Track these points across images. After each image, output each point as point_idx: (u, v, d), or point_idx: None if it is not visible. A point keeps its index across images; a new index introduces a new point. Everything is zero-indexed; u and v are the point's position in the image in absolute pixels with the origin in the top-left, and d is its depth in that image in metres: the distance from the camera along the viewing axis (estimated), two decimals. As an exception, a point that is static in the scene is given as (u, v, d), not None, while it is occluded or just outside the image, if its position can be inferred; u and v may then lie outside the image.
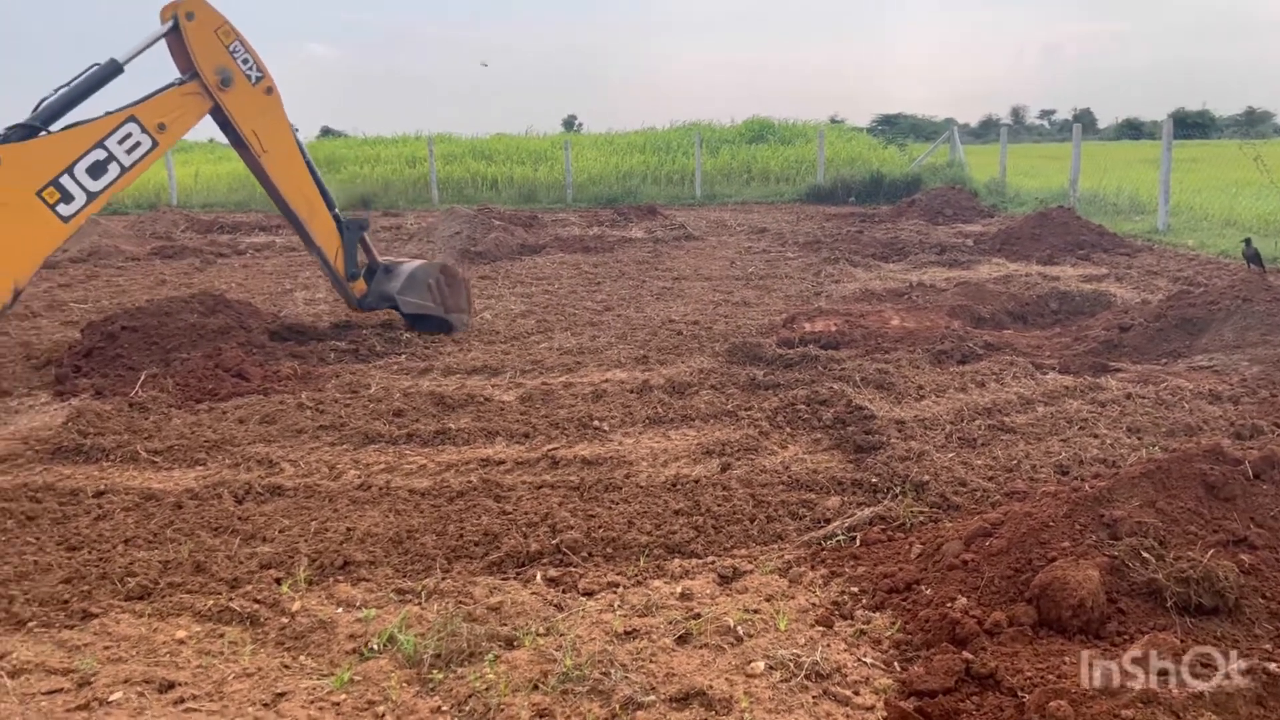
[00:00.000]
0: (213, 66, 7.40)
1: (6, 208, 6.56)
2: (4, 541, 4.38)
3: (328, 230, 8.20)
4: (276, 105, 7.84)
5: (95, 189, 6.91)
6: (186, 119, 7.47)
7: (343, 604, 3.72)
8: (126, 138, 7.01)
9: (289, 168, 7.94)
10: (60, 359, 7.78)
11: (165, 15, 7.29)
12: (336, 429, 5.98)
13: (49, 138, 6.78)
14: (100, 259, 14.12)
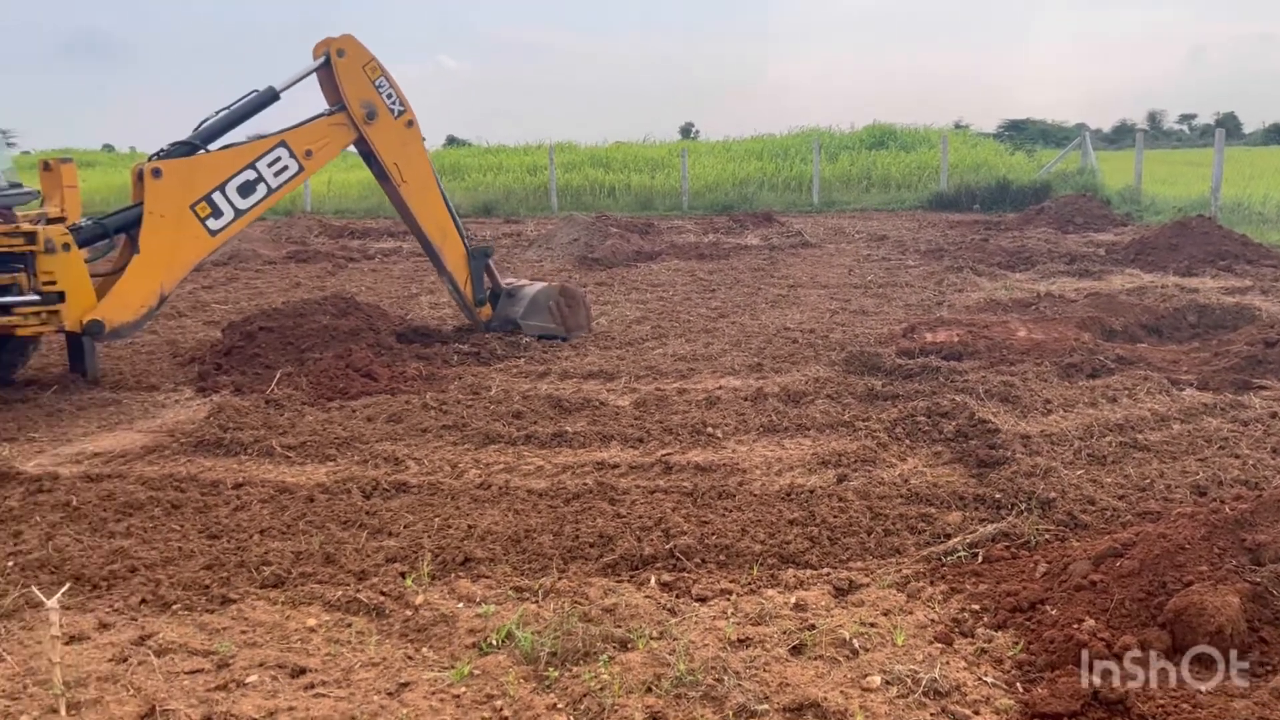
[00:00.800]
0: (359, 100, 7.80)
1: (163, 218, 7.04)
2: (151, 528, 4.66)
3: (458, 257, 8.52)
4: (416, 138, 8.23)
5: (243, 207, 7.37)
6: (332, 148, 7.92)
7: (463, 599, 3.83)
8: (276, 161, 7.49)
9: (425, 197, 8.30)
10: (203, 357, 8.23)
11: (318, 51, 7.75)
12: (459, 429, 6.14)
13: (206, 156, 7.27)
14: (240, 262, 14.85)
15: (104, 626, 3.71)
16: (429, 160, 8.39)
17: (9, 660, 3.47)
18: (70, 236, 6.85)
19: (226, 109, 7.48)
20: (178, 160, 7.19)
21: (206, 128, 7.40)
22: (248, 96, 7.54)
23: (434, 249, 8.45)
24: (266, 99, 7.59)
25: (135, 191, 7.18)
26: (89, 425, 6.59)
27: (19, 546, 4.42)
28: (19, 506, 4.94)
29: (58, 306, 6.83)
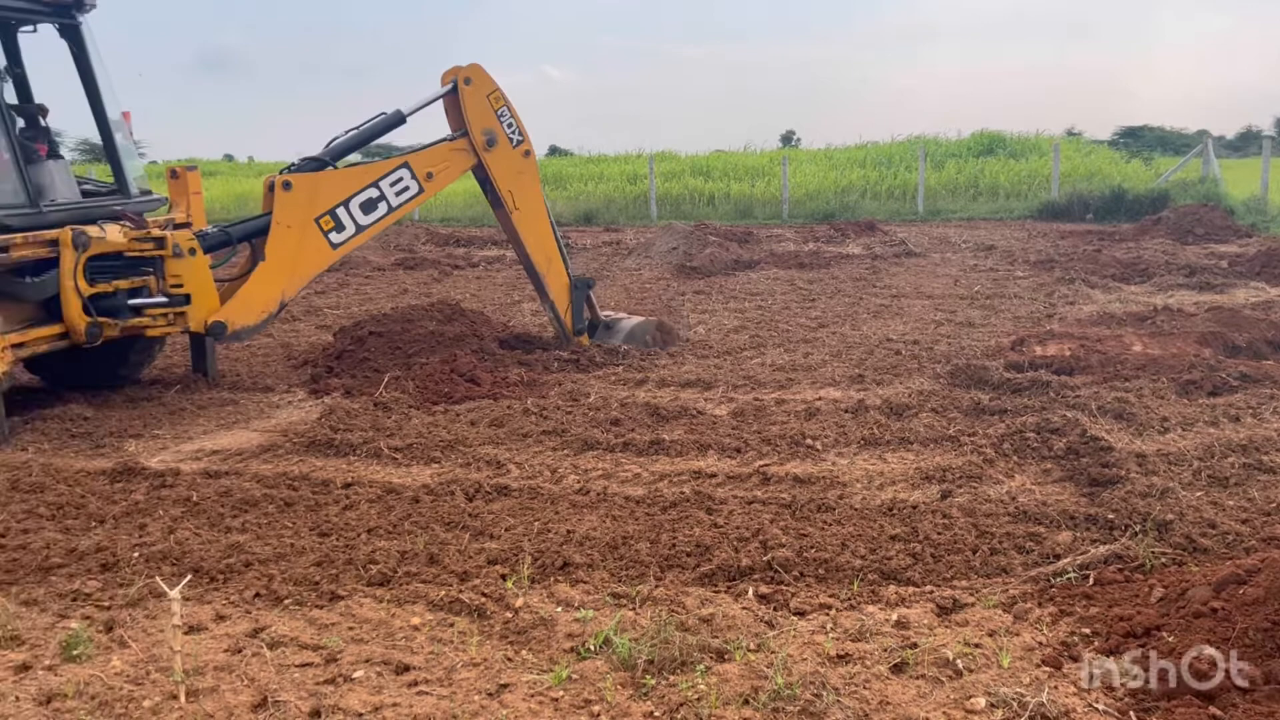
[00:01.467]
0: (481, 128, 8.04)
1: (289, 229, 7.36)
2: (266, 524, 4.84)
3: (561, 286, 8.67)
4: (532, 167, 8.44)
5: (364, 223, 7.67)
6: (451, 171, 8.20)
7: (562, 603, 3.87)
8: (398, 181, 7.79)
9: (535, 225, 8.49)
10: (315, 360, 8.53)
11: (446, 79, 8.04)
12: (558, 434, 6.22)
13: (334, 172, 7.59)
14: (351, 269, 15.33)
15: (220, 618, 3.87)
16: (542, 190, 8.56)
17: (133, 647, 3.65)
18: (196, 242, 7.20)
19: (356, 129, 7.80)
20: (307, 175, 7.52)
21: (336, 145, 7.72)
22: (376, 118, 7.86)
23: (539, 276, 8.61)
24: (394, 121, 7.89)
25: (266, 201, 7.52)
26: (208, 424, 6.90)
27: (144, 538, 4.65)
28: (144, 500, 5.20)
29: (184, 308, 7.18)
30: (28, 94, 7.53)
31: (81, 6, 7.36)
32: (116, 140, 7.73)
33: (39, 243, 6.62)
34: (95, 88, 7.57)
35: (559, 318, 8.75)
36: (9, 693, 3.32)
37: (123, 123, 7.79)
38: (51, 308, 6.80)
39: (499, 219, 8.78)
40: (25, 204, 6.74)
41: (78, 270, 6.67)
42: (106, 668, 3.47)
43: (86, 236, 6.71)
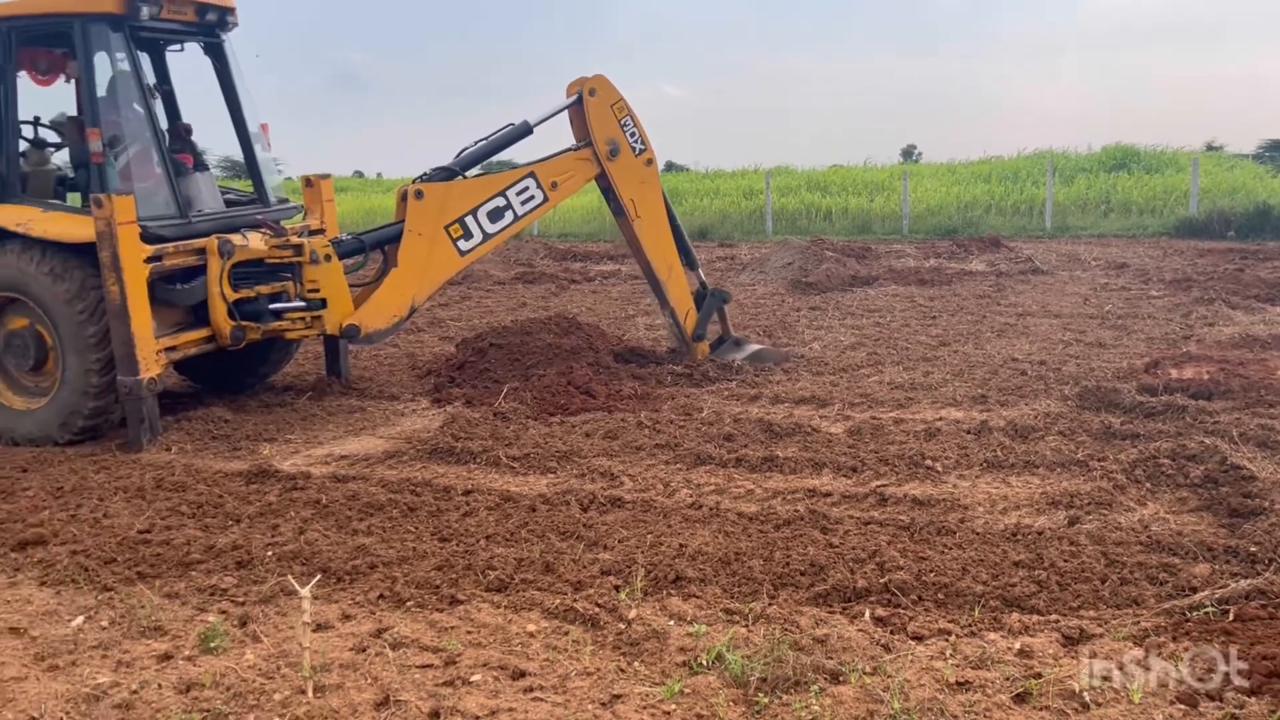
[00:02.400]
0: (605, 137, 8.18)
1: (420, 236, 7.64)
2: (390, 528, 5.01)
3: (681, 292, 8.73)
4: (654, 176, 8.54)
5: (491, 231, 7.90)
6: (575, 181, 8.36)
7: (674, 617, 3.89)
8: (524, 190, 8.00)
9: (657, 234, 8.58)
10: (438, 370, 8.78)
11: (571, 90, 8.22)
12: (671, 448, 6.25)
13: (464, 181, 7.86)
14: (473, 282, 15.73)
15: (346, 617, 4.02)
16: (664, 198, 8.64)
17: (265, 641, 3.82)
18: (332, 248, 7.53)
19: (485, 139, 8.05)
20: (437, 184, 7.79)
21: (466, 155, 7.99)
22: (504, 129, 8.09)
23: (659, 283, 8.68)
24: (521, 132, 8.11)
25: (398, 210, 7.81)
26: (337, 430, 7.18)
27: (276, 538, 4.86)
28: (277, 501, 5.44)
29: (321, 312, 7.51)
30: (175, 112, 8.00)
31: (225, 25, 7.79)
32: (256, 151, 8.14)
33: (188, 251, 7.03)
34: (237, 101, 8.00)
35: (679, 325, 8.80)
36: (152, 680, 3.52)
37: (261, 135, 8.20)
38: (199, 313, 7.20)
39: (620, 227, 8.90)
40: (176, 215, 7.16)
41: (223, 277, 7.06)
42: (240, 660, 3.65)
43: (231, 245, 7.09)
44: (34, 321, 6.87)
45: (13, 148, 7.10)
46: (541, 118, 8.24)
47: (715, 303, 8.89)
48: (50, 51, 7.42)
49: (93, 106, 6.86)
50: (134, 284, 6.50)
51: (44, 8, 6.98)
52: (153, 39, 7.57)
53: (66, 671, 3.64)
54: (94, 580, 4.46)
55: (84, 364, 6.65)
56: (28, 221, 6.75)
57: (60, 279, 6.61)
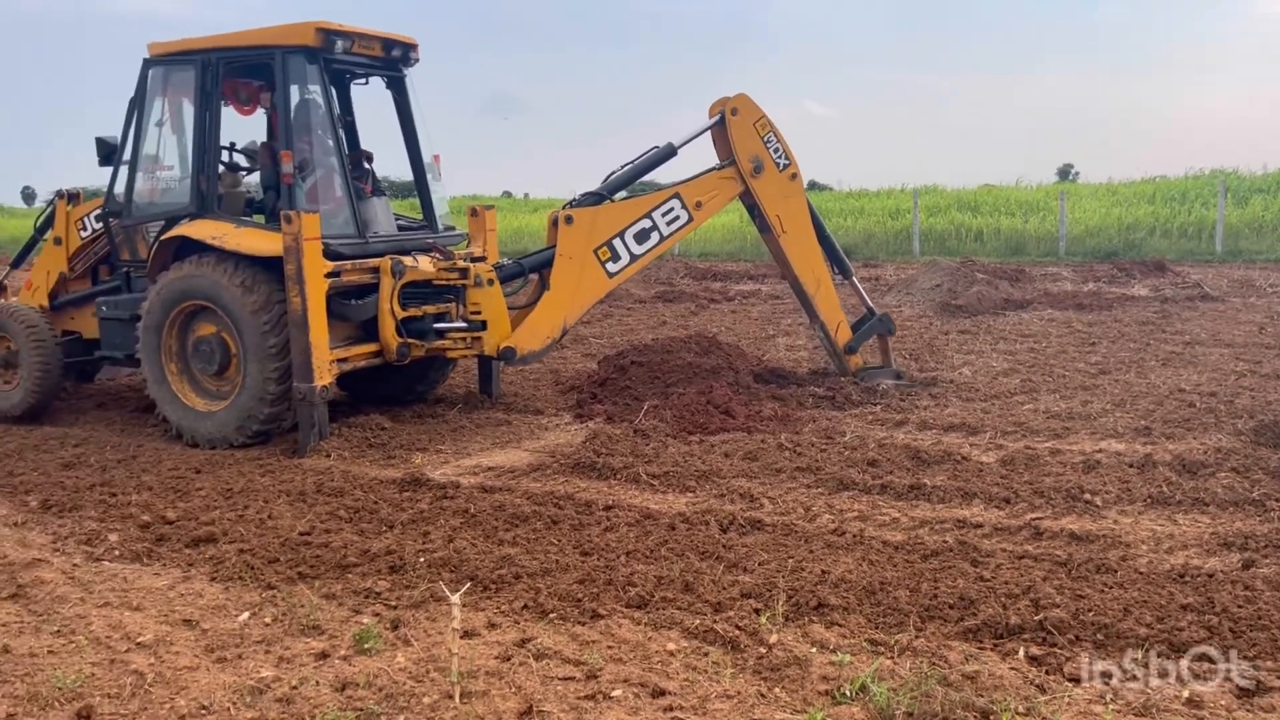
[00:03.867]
0: (748, 155, 8.23)
1: (571, 260, 7.85)
2: (534, 540, 5.11)
3: (831, 306, 8.66)
4: (799, 191, 8.53)
5: (638, 252, 8.05)
6: (719, 199, 8.44)
7: (816, 644, 3.82)
8: (669, 211, 8.12)
9: (803, 248, 8.55)
10: (581, 386, 8.93)
11: (714, 110, 8.32)
12: (812, 472, 6.15)
13: (611, 205, 8.04)
14: (614, 301, 15.88)
15: (492, 625, 4.11)
16: (809, 212, 8.58)
17: (415, 645, 3.95)
18: (494, 273, 7.81)
19: (630, 163, 8.21)
20: (586, 209, 7.99)
21: (612, 180, 8.17)
22: (649, 152, 8.24)
23: (808, 297, 8.62)
24: (665, 154, 8.24)
25: (549, 235, 8.04)
26: (485, 442, 7.38)
27: (427, 545, 5.03)
28: (428, 509, 5.63)
29: (480, 333, 7.78)
30: (355, 140, 8.45)
31: (407, 61, 8.22)
32: (428, 181, 8.54)
33: (364, 270, 7.41)
34: (413, 133, 8.43)
35: (829, 337, 8.71)
36: (310, 677, 3.68)
37: (434, 165, 8.59)
38: (369, 328, 7.57)
39: (766, 243, 8.89)
40: (354, 235, 7.58)
41: (394, 295, 7.40)
42: (392, 663, 3.78)
43: (403, 265, 7.43)
44: (221, 329, 7.36)
45: (214, 169, 7.64)
46: (685, 139, 8.32)
47: (879, 328, 8.75)
48: (249, 83, 8.01)
49: (287, 132, 7.37)
50: (314, 296, 6.88)
51: (250, 41, 7.56)
52: (341, 72, 8.05)
53: (233, 664, 3.85)
54: (259, 578, 4.71)
55: (264, 372, 7.07)
56: (222, 235, 7.24)
57: (250, 291, 7.06)
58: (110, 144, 7.97)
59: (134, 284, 8.12)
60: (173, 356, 7.55)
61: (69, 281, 8.70)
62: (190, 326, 7.52)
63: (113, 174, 7.98)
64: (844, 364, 8.72)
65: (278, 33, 7.43)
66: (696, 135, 8.33)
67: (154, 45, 7.82)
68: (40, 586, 4.67)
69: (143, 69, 7.81)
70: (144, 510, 5.73)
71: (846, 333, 8.76)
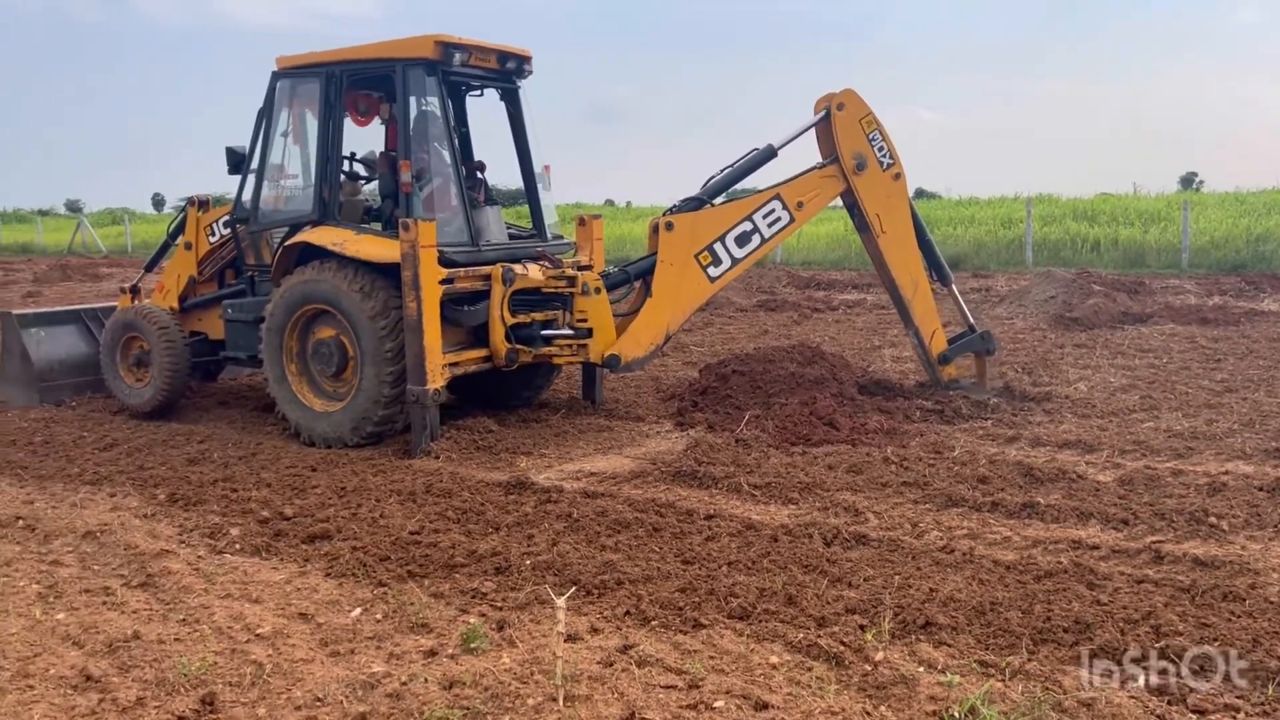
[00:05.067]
0: (851, 152, 8.13)
1: (672, 266, 7.87)
2: (635, 546, 5.13)
3: (928, 311, 8.49)
4: (901, 191, 8.37)
5: (739, 256, 8.03)
6: (821, 199, 8.35)
7: (924, 663, 3.74)
8: (770, 213, 8.08)
9: (902, 250, 8.41)
10: (681, 394, 8.93)
11: (819, 106, 8.24)
12: (919, 487, 6.03)
13: (711, 209, 8.03)
14: (715, 309, 15.91)
15: (595, 630, 4.15)
16: (911, 214, 8.42)
17: (520, 647, 4.01)
18: (601, 281, 7.90)
19: (730, 166, 8.19)
20: (686, 214, 8.01)
21: (712, 184, 8.17)
22: (749, 155, 8.20)
23: (904, 301, 8.47)
24: (766, 156, 8.19)
25: (651, 242, 8.08)
26: (587, 447, 7.45)
27: (531, 548, 5.10)
28: (533, 512, 5.71)
29: (586, 341, 7.87)
30: (469, 150, 8.66)
31: (521, 72, 8.40)
32: (538, 191, 8.68)
33: (476, 277, 7.58)
34: (525, 144, 8.59)
35: (923, 344, 8.54)
36: (419, 674, 3.77)
37: (544, 175, 8.74)
38: (479, 334, 7.73)
39: (865, 243, 8.76)
40: (468, 243, 7.77)
41: (504, 302, 7.56)
42: (498, 663, 3.84)
43: (513, 273, 7.58)
44: (340, 333, 7.62)
45: (336, 178, 7.94)
46: (786, 140, 8.24)
47: (977, 345, 8.52)
48: (369, 95, 8.30)
49: (405, 142, 7.60)
50: (429, 302, 7.07)
51: (372, 54, 7.83)
52: (458, 83, 8.26)
53: (346, 658, 3.98)
54: (370, 575, 4.85)
55: (379, 375, 7.30)
56: (342, 242, 7.52)
57: (369, 297, 7.30)
58: (239, 153, 8.35)
59: (258, 287, 8.48)
60: (293, 357, 7.85)
61: (197, 285, 9.14)
62: (311, 329, 7.81)
63: (241, 182, 8.35)
64: (937, 373, 8.52)
65: (398, 46, 7.66)
66: (800, 132, 8.24)
67: (282, 59, 8.16)
68: (167, 576, 4.90)
69: (271, 81, 8.16)
70: (263, 506, 5.96)
71: (941, 341, 8.56)
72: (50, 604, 4.62)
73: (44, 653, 4.08)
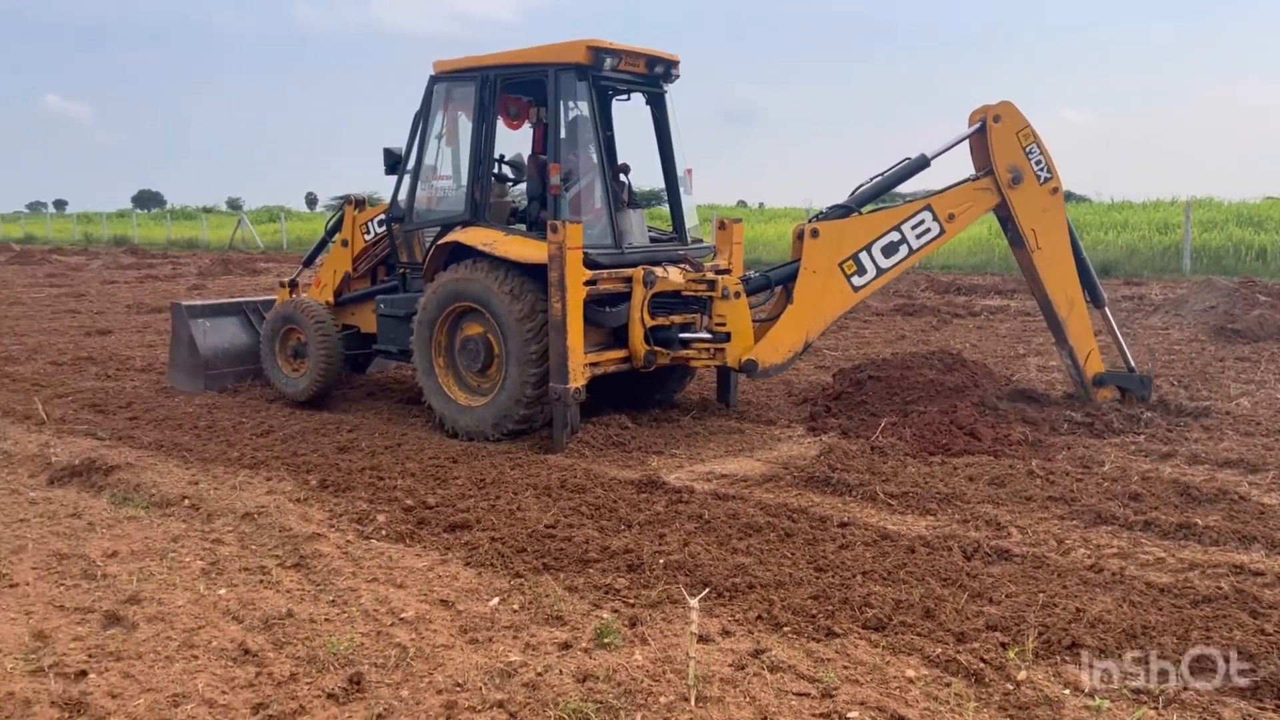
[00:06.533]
0: (1007, 164, 7.89)
1: (815, 274, 7.79)
2: (767, 550, 5.11)
3: (1083, 331, 8.16)
4: (1058, 206, 8.07)
5: (885, 266, 7.87)
6: (973, 211, 8.11)
7: (1069, 686, 3.60)
8: (920, 224, 7.89)
9: (1058, 266, 8.11)
10: (814, 399, 8.83)
11: (975, 118, 8.02)
12: (1066, 502, 5.80)
13: (859, 218, 7.91)
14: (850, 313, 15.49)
15: (726, 633, 4.15)
16: (1069, 230, 8.10)
17: (652, 645, 4.05)
18: (741, 286, 7.87)
19: (880, 175, 8.05)
20: (832, 222, 7.90)
21: (861, 193, 8.04)
22: (900, 163, 8.04)
23: (1058, 320, 8.14)
24: (918, 165, 8.02)
25: (794, 248, 8.00)
26: (718, 449, 7.45)
27: (662, 547, 5.14)
28: (664, 512, 5.75)
29: (724, 345, 7.86)
30: (614, 154, 8.76)
31: (669, 77, 8.47)
32: (680, 194, 8.74)
33: (618, 279, 7.70)
34: (669, 148, 8.66)
35: (1077, 365, 8.20)
36: (554, 665, 3.86)
37: (686, 179, 8.78)
38: (618, 335, 7.85)
39: (1017, 259, 8.46)
40: (612, 245, 7.91)
41: (644, 304, 7.64)
42: (630, 659, 3.89)
43: (654, 276, 7.66)
44: (487, 331, 7.86)
45: (488, 180, 8.19)
46: (939, 150, 8.04)
47: (1136, 388, 8.14)
48: (520, 99, 8.54)
49: (555, 145, 7.79)
50: (574, 303, 7.21)
51: (525, 59, 8.04)
52: (605, 88, 8.39)
53: (484, 646, 4.10)
54: (508, 566, 4.98)
55: (523, 375, 7.49)
56: (492, 242, 7.75)
57: (517, 299, 7.51)
58: (396, 155, 8.70)
59: (409, 284, 8.82)
60: (441, 352, 8.13)
61: (352, 281, 9.56)
62: (459, 325, 8.07)
63: (396, 182, 8.70)
64: (1090, 396, 8.16)
65: (552, 51, 7.84)
66: (953, 145, 8.03)
67: (439, 63, 8.45)
68: (318, 559, 5.15)
69: (428, 85, 8.47)
70: (407, 495, 6.20)
71: (1097, 363, 8.21)
72: (213, 580, 4.92)
73: (207, 625, 4.36)
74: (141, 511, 6.04)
